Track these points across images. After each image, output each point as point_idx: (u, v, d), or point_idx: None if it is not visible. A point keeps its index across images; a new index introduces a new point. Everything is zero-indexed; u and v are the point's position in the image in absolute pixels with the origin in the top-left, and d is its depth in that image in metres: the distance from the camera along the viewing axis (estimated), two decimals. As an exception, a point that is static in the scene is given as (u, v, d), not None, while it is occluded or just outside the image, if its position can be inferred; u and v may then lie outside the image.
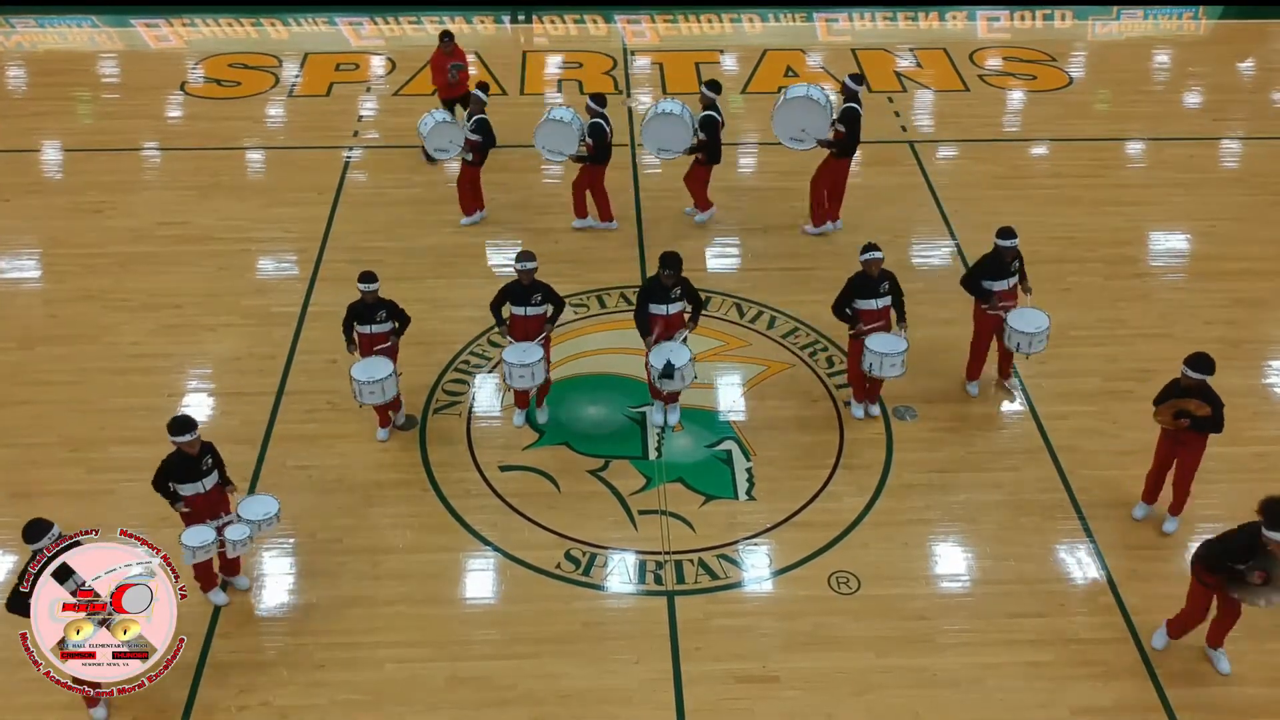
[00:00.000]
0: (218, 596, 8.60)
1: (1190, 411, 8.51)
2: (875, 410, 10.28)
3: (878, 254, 9.73)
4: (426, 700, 7.95)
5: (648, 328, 9.70)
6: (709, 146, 12.44)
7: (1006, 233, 9.87)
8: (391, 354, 9.73)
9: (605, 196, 12.80)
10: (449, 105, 13.88)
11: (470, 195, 12.91)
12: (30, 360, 10.97)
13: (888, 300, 9.83)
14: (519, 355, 9.55)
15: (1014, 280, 10.03)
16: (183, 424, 7.99)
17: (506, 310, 9.82)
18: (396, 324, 9.77)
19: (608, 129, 12.41)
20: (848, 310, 9.84)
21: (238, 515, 8.18)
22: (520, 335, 9.76)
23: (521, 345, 9.66)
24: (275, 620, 8.56)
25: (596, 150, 12.37)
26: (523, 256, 9.69)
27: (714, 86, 12.55)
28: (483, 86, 12.77)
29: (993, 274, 9.94)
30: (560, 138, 12.39)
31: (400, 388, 9.82)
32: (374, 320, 9.65)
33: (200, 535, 7.98)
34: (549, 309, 9.80)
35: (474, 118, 12.47)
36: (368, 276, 9.58)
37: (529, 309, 9.71)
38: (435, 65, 14.11)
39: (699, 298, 9.91)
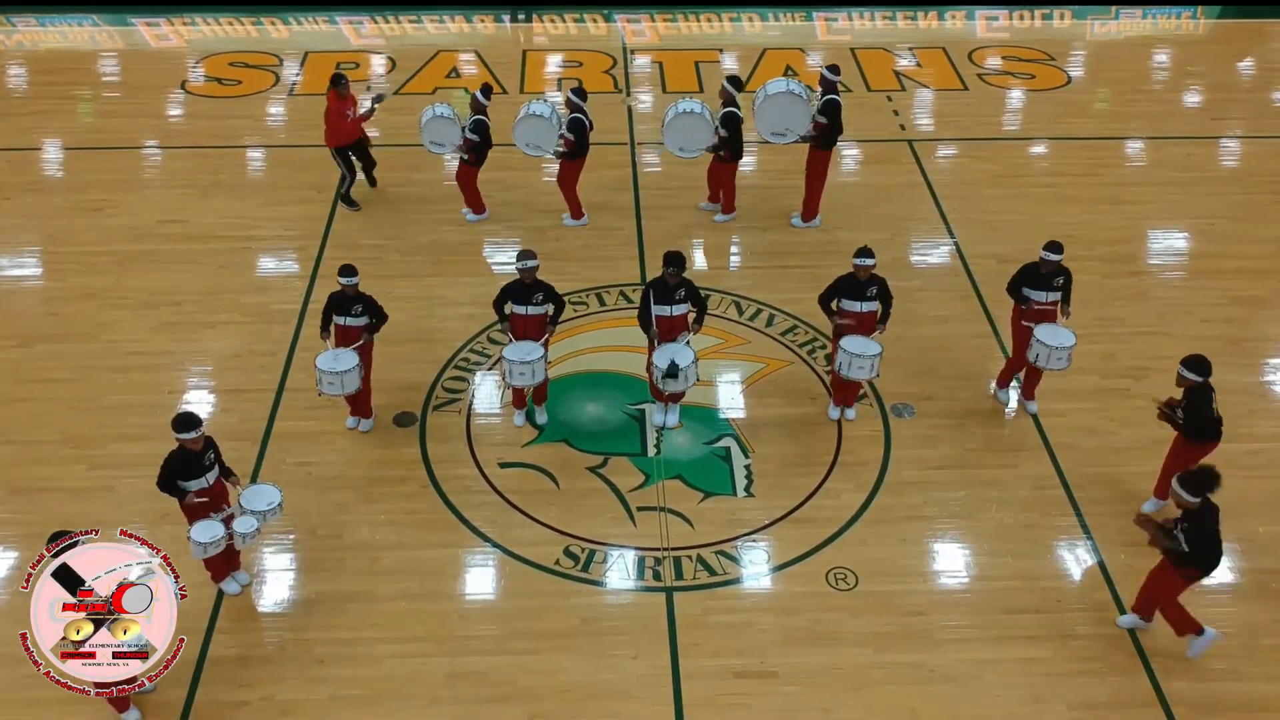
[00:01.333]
0: (230, 586, 8.64)
1: (1162, 405, 8.83)
2: (850, 414, 10.28)
3: (869, 260, 9.67)
4: (426, 695, 7.98)
5: (651, 327, 9.72)
6: (732, 143, 12.46)
7: (1051, 246, 9.74)
8: (365, 351, 9.70)
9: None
10: (343, 152, 12.84)
11: (472, 194, 12.94)
12: (30, 358, 10.99)
13: (874, 305, 9.81)
14: (519, 353, 9.57)
15: (1055, 296, 9.89)
16: (187, 421, 8.00)
17: (508, 309, 9.84)
18: (372, 320, 9.75)
19: (588, 124, 12.45)
20: (832, 306, 9.85)
21: (240, 506, 8.20)
22: (520, 334, 9.77)
23: (522, 343, 9.68)
24: (276, 616, 8.59)
25: (576, 145, 12.39)
26: (524, 255, 9.70)
27: (736, 83, 12.54)
28: (485, 89, 12.75)
29: (1031, 283, 9.87)
30: (539, 133, 12.43)
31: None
32: (349, 313, 9.66)
33: (210, 530, 8.00)
34: (550, 309, 9.83)
35: (473, 118, 12.48)
36: (348, 270, 9.61)
37: (530, 308, 9.72)
38: (332, 111, 12.56)
39: (703, 300, 9.92)
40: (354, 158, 13.08)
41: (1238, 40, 18.24)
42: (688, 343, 9.74)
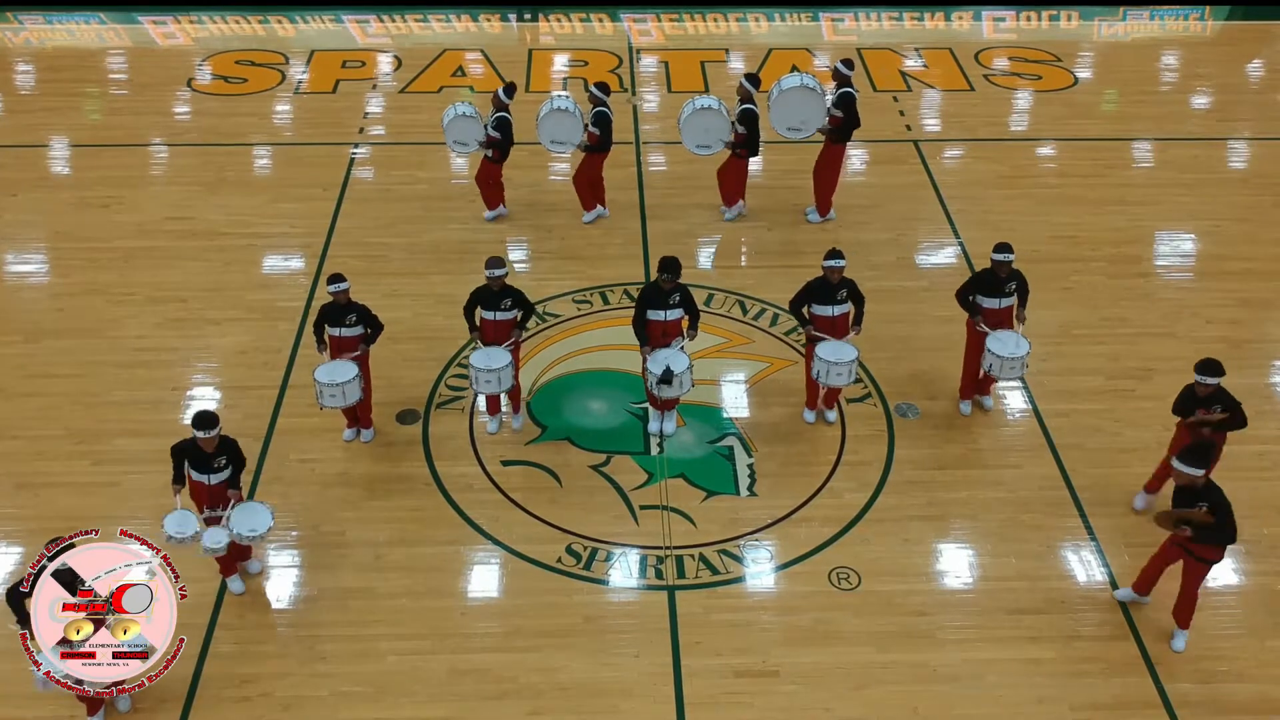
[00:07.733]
0: (235, 584, 8.65)
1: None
2: (831, 416, 10.24)
3: (840, 263, 9.56)
4: (427, 692, 7.99)
5: (645, 334, 9.68)
6: (748, 140, 12.45)
7: (1000, 247, 9.61)
8: (362, 361, 9.56)
9: (602, 184, 12.85)
10: None
11: (492, 191, 12.92)
12: (36, 353, 11.02)
13: (845, 307, 9.74)
14: (485, 360, 9.47)
15: (1009, 301, 9.74)
16: (202, 420, 8.06)
17: (479, 316, 9.76)
18: (368, 330, 9.62)
19: (612, 116, 12.46)
20: (803, 311, 9.79)
21: (228, 519, 8.14)
22: (490, 339, 9.70)
23: (487, 350, 9.57)
24: (278, 612, 8.60)
25: (603, 139, 12.40)
26: (491, 263, 9.58)
27: (753, 80, 12.51)
28: (510, 88, 12.68)
29: (985, 289, 9.74)
30: (565, 128, 12.41)
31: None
32: (343, 323, 9.51)
33: (180, 526, 7.96)
34: (519, 314, 9.76)
35: (495, 115, 12.46)
36: (336, 278, 9.48)
37: (498, 314, 9.63)
38: None
39: (696, 307, 9.83)
40: None
41: (1245, 42, 18.19)
42: (682, 348, 9.71)
